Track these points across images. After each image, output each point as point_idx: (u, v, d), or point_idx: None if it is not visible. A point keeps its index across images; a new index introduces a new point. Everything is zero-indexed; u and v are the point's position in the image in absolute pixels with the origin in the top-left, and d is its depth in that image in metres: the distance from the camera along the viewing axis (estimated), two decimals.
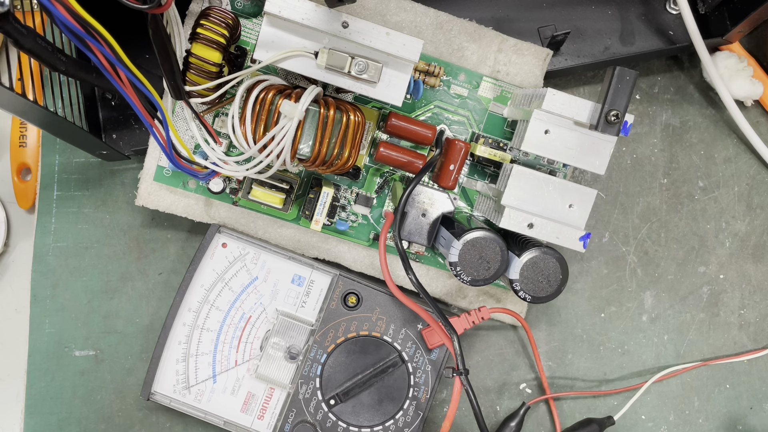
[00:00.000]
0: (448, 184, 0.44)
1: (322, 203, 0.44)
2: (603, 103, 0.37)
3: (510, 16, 0.48)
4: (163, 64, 0.37)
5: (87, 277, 0.49)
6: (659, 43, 0.49)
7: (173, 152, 0.40)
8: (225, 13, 0.39)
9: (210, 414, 0.45)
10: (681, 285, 0.52)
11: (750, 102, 0.53)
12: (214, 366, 0.45)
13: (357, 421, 0.45)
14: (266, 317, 0.45)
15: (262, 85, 0.40)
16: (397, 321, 0.46)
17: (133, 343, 0.49)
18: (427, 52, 0.45)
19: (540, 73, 0.46)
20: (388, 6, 0.44)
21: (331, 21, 0.37)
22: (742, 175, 0.53)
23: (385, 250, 0.42)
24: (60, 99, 0.40)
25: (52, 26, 0.37)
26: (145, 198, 0.45)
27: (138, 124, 0.47)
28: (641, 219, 0.52)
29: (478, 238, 0.40)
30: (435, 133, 0.43)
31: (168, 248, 0.50)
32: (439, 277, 0.47)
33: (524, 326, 0.48)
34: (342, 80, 0.39)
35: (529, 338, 0.49)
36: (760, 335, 0.53)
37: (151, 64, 0.38)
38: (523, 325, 0.48)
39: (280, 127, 0.38)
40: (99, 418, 0.49)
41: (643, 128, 0.52)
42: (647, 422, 0.52)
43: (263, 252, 0.45)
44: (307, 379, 0.45)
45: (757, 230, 0.53)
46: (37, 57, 0.32)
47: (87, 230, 0.49)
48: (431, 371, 0.46)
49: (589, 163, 0.40)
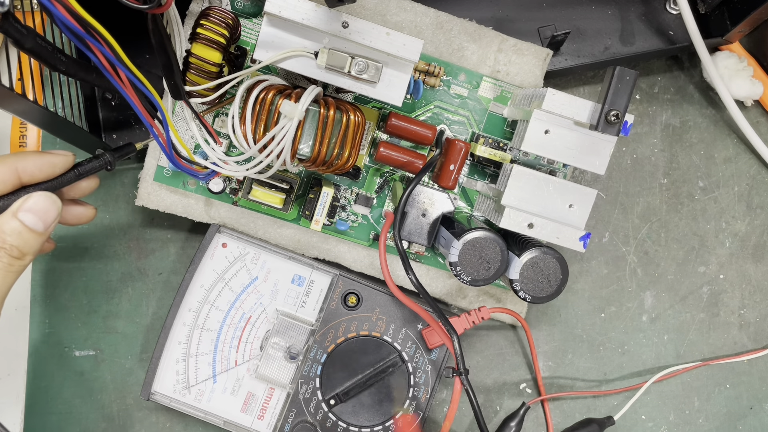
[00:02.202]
0: (448, 184, 0.44)
1: (322, 203, 0.44)
2: (603, 103, 0.37)
3: (510, 16, 0.48)
4: (163, 64, 0.37)
5: (87, 277, 0.49)
6: (659, 43, 0.49)
7: (173, 152, 0.40)
8: (225, 13, 0.39)
9: (210, 414, 0.45)
10: (681, 285, 0.52)
11: (750, 102, 0.53)
12: (214, 366, 0.45)
13: (357, 421, 0.45)
14: (266, 317, 0.45)
15: (262, 85, 0.40)
16: (397, 321, 0.46)
17: (133, 343, 0.49)
18: (427, 52, 0.45)
19: (540, 73, 0.46)
20: (388, 6, 0.44)
21: (331, 21, 0.37)
22: (742, 175, 0.53)
23: (385, 250, 0.42)
24: (60, 99, 0.40)
25: (52, 26, 0.37)
26: (145, 198, 0.45)
27: (138, 124, 0.47)
28: (641, 219, 0.52)
29: (478, 238, 0.40)
30: (435, 133, 0.43)
31: (168, 248, 0.50)
32: (439, 277, 0.47)
33: (524, 326, 0.48)
34: (342, 80, 0.39)
35: (528, 339, 0.49)
36: (760, 335, 0.53)
37: (151, 64, 0.38)
38: (523, 325, 0.48)
39: (280, 127, 0.38)
40: (99, 418, 0.49)
41: (643, 128, 0.52)
42: (647, 422, 0.52)
43: (263, 252, 0.45)
44: (307, 379, 0.45)
45: (757, 230, 0.53)
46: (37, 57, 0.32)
47: (87, 230, 0.49)
48: (431, 371, 0.46)
49: (589, 163, 0.40)
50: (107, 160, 0.39)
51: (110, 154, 0.39)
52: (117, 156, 0.40)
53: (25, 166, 0.35)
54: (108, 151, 0.40)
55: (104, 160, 0.39)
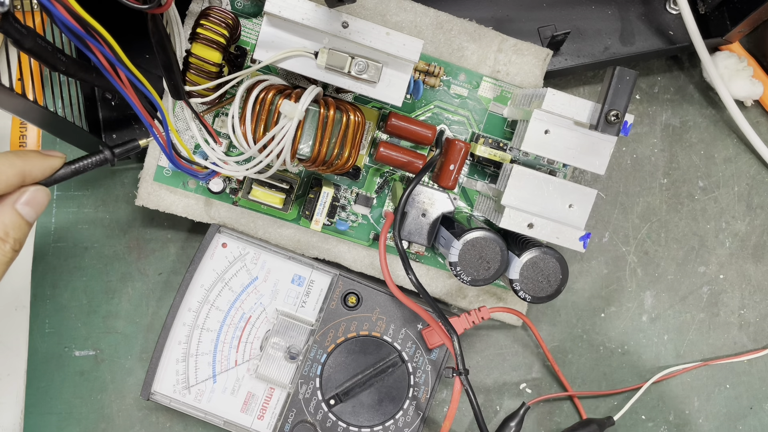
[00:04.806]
0: (448, 184, 0.44)
1: (322, 203, 0.44)
2: (603, 103, 0.37)
3: (510, 16, 0.48)
4: (162, 64, 0.37)
5: (87, 277, 0.49)
6: (659, 43, 0.49)
7: (173, 152, 0.40)
8: (225, 13, 0.39)
9: (210, 414, 0.45)
10: (681, 285, 0.52)
11: (750, 102, 0.53)
12: (214, 366, 0.45)
13: (357, 421, 0.45)
14: (266, 317, 0.45)
15: (262, 85, 0.40)
16: (397, 321, 0.46)
17: (133, 343, 0.49)
18: (427, 52, 0.45)
19: (540, 73, 0.46)
20: (388, 6, 0.44)
21: (331, 21, 0.37)
22: (742, 175, 0.53)
23: (385, 250, 0.41)
24: (60, 99, 0.40)
25: (52, 26, 0.37)
26: (145, 198, 0.45)
27: (138, 124, 0.47)
28: (641, 219, 0.52)
29: (478, 238, 0.40)
30: (435, 133, 0.43)
31: (168, 248, 0.50)
32: (439, 277, 0.47)
33: (528, 324, 0.48)
34: (342, 80, 0.39)
35: (535, 335, 0.49)
36: (760, 335, 0.53)
37: (151, 64, 0.38)
38: (527, 322, 0.48)
39: (280, 127, 0.38)
40: (99, 418, 0.49)
41: (643, 128, 0.52)
42: (647, 422, 0.52)
43: (263, 252, 0.45)
44: (307, 379, 0.45)
45: (757, 230, 0.53)
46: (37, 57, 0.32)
47: (87, 230, 0.49)
48: (431, 371, 0.46)
49: (589, 163, 0.40)
50: (105, 157, 0.39)
51: (109, 150, 0.39)
52: (119, 152, 0.40)
53: (32, 170, 0.36)
54: (106, 147, 0.40)
55: (102, 156, 0.39)
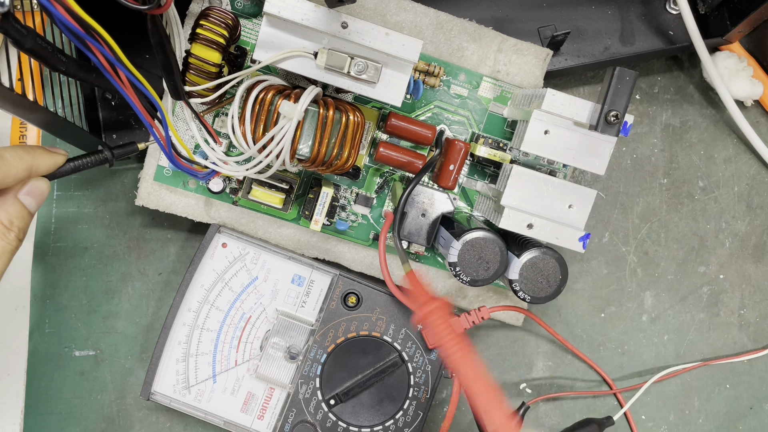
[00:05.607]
0: (448, 184, 0.44)
1: (321, 203, 0.44)
2: (603, 104, 0.37)
3: (510, 16, 0.48)
4: (162, 65, 0.37)
5: (87, 277, 0.49)
6: (659, 43, 0.49)
7: (173, 152, 0.40)
8: (225, 14, 0.39)
9: (210, 414, 0.45)
10: (681, 285, 0.52)
11: (750, 102, 0.53)
12: (214, 366, 0.45)
13: (357, 421, 0.45)
14: (266, 317, 0.45)
15: (262, 86, 0.40)
16: (397, 321, 0.46)
17: (133, 343, 0.49)
18: (427, 52, 0.45)
19: (540, 73, 0.46)
20: (387, 6, 0.44)
21: (330, 21, 0.37)
22: (742, 175, 0.53)
23: (384, 250, 0.41)
24: (60, 99, 0.40)
25: (52, 26, 0.37)
26: (145, 198, 0.45)
27: (138, 124, 0.47)
28: (641, 219, 0.52)
29: (478, 238, 0.40)
30: (435, 133, 0.43)
31: (168, 248, 0.50)
32: (438, 277, 0.47)
33: (534, 318, 0.47)
34: (341, 80, 0.39)
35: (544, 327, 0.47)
36: (760, 335, 0.53)
37: (151, 64, 0.38)
38: (530, 316, 0.47)
39: (280, 128, 0.38)
40: (99, 418, 0.49)
41: (643, 128, 0.52)
42: (647, 422, 0.52)
43: (263, 252, 0.45)
44: (307, 379, 0.45)
45: (757, 230, 0.53)
46: (37, 57, 0.32)
47: (87, 230, 0.49)
48: (431, 371, 0.46)
49: (589, 163, 0.40)
50: (105, 156, 0.40)
51: (108, 150, 0.40)
52: (118, 153, 0.41)
53: (39, 165, 0.37)
54: (106, 147, 0.40)
55: (102, 156, 0.40)
